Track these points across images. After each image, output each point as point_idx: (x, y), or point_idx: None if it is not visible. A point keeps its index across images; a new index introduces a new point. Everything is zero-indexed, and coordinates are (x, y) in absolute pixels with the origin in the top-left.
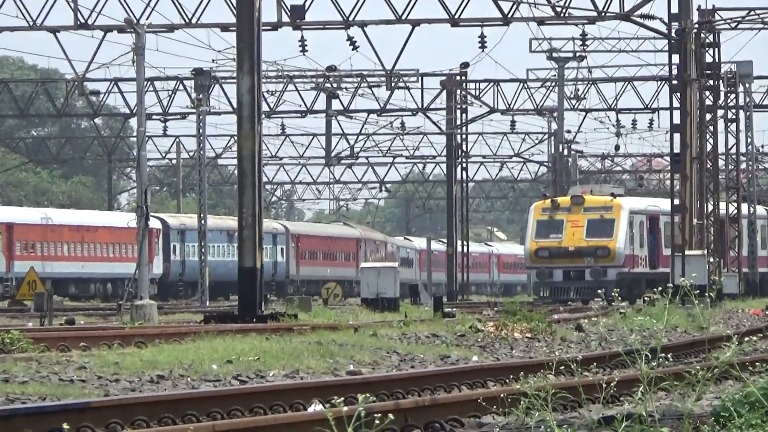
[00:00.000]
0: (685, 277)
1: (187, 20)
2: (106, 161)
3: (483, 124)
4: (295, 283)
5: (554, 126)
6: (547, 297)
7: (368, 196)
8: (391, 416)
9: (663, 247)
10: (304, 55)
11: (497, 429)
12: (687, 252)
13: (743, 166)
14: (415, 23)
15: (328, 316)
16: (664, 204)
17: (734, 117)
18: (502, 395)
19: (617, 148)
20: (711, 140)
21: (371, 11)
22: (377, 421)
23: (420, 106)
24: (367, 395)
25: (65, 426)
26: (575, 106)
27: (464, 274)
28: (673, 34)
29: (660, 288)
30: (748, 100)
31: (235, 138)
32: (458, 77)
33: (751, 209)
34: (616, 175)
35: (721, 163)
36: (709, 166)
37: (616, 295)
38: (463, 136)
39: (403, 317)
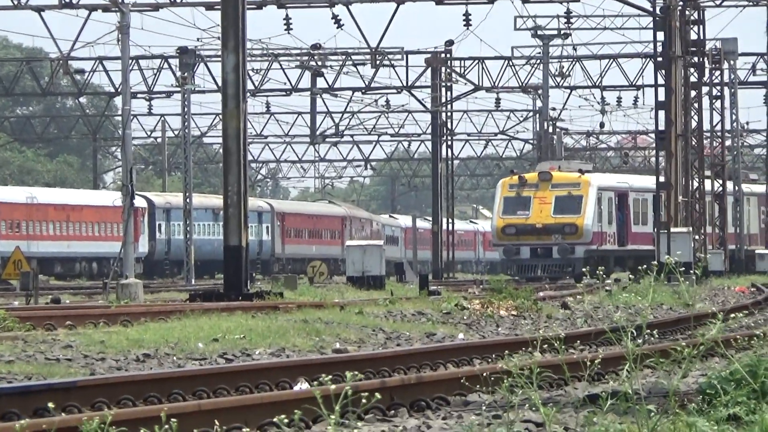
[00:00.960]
0: (670, 255)
1: None
2: (91, 140)
3: (468, 101)
4: (281, 261)
5: (539, 103)
6: (515, 275)
7: (353, 174)
8: (377, 395)
9: (632, 224)
10: (288, 33)
11: (483, 407)
12: (672, 229)
13: (728, 143)
14: (400, 1)
15: (313, 295)
16: (633, 180)
17: (719, 94)
18: (487, 373)
19: (602, 125)
20: (696, 117)
21: None
22: (364, 401)
23: (405, 84)
24: (354, 373)
25: (51, 405)
26: (560, 84)
27: (450, 252)
28: (657, 11)
29: (629, 265)
30: (732, 77)
31: (220, 116)
32: (443, 55)
33: (736, 186)
34: (601, 152)
35: (705, 140)
36: (693, 143)
37: (587, 272)
38: (448, 114)
39: (389, 295)
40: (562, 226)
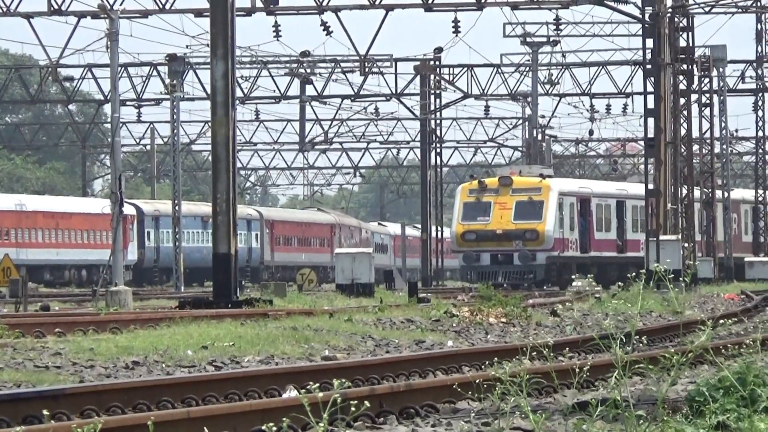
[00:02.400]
0: (659, 262)
1: (161, 6)
2: (80, 147)
3: (457, 109)
4: (270, 268)
5: (528, 111)
6: (475, 281)
7: (342, 181)
8: (367, 403)
9: (595, 231)
10: (277, 40)
11: (472, 414)
12: (661, 237)
13: (717, 150)
14: (389, 8)
15: (303, 302)
16: (595, 186)
17: (708, 101)
18: (477, 381)
19: (591, 132)
20: (685, 125)
21: None
22: (353, 408)
23: (394, 92)
24: (342, 380)
25: (45, 412)
26: (549, 91)
27: (439, 259)
28: (646, 19)
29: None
30: (721, 84)
31: (209, 124)
32: (432, 62)
33: (725, 193)
34: (590, 159)
35: (695, 147)
36: (683, 150)
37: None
38: (437, 122)
39: (378, 303)
40: (522, 232)
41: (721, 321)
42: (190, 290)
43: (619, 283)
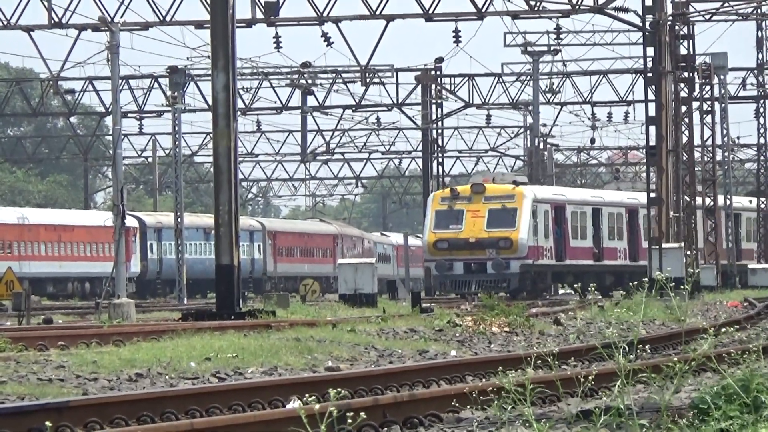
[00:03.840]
0: (661, 270)
1: (162, 18)
2: (82, 160)
3: (458, 118)
4: (273, 279)
5: (530, 120)
6: (448, 291)
7: (344, 192)
8: (362, 414)
9: (570, 238)
10: (278, 51)
11: (476, 423)
12: (664, 245)
13: (719, 157)
14: (390, 18)
15: (305, 313)
16: (570, 193)
17: (709, 109)
18: (480, 390)
19: (593, 141)
20: (686, 132)
21: (345, 7)
22: (350, 421)
23: (395, 102)
24: (338, 390)
25: (48, 424)
26: (550, 100)
27: None
28: (647, 27)
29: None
30: (722, 91)
31: (211, 135)
32: (433, 72)
33: (727, 201)
34: (592, 168)
35: (696, 155)
36: (684, 158)
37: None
38: (439, 131)
39: (381, 313)
40: (496, 240)
41: (724, 329)
42: (192, 302)
43: (622, 292)
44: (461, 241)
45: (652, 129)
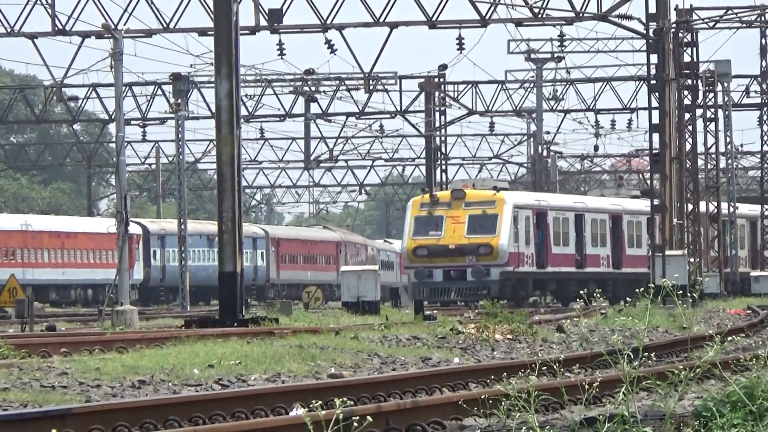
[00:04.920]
0: (666, 278)
1: (165, 25)
2: (86, 167)
3: (462, 125)
4: (276, 287)
5: (533, 127)
6: (427, 299)
7: (348, 199)
8: (369, 418)
9: (552, 245)
10: (282, 58)
11: (479, 431)
12: (667, 252)
13: (722, 165)
14: (393, 25)
15: (309, 320)
16: (552, 198)
17: (713, 116)
18: (483, 397)
19: (596, 148)
20: (690, 140)
21: (349, 14)
22: (356, 425)
23: (399, 109)
24: (345, 398)
25: (52, 431)
26: (554, 107)
27: None
28: (650, 34)
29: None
30: (726, 99)
31: (214, 142)
32: (436, 79)
33: (731, 208)
34: (595, 175)
35: (700, 162)
36: (688, 165)
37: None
38: (442, 138)
39: (384, 320)
40: (476, 247)
41: (729, 337)
42: (196, 309)
43: (627, 299)
44: (441, 247)
45: (656, 136)
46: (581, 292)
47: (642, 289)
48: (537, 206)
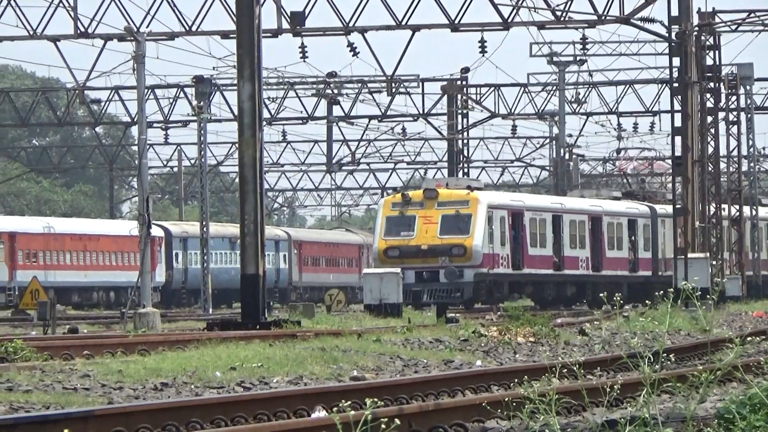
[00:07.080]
0: (687, 280)
1: (187, 28)
2: (108, 170)
3: (484, 129)
4: (298, 289)
5: (555, 130)
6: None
7: (370, 202)
8: (397, 421)
9: (528, 246)
10: (304, 61)
11: None
12: (689, 255)
13: (744, 168)
14: (415, 29)
15: (331, 323)
16: (529, 199)
17: (735, 119)
18: (505, 399)
19: (618, 151)
20: (712, 143)
21: (371, 17)
22: (383, 426)
23: (421, 112)
24: (374, 400)
25: None
26: (576, 110)
27: None
28: (673, 37)
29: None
30: (749, 102)
31: (237, 145)
32: (459, 82)
33: (753, 211)
34: (617, 178)
35: (722, 165)
36: (710, 168)
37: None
38: (465, 141)
39: (407, 323)
40: (449, 248)
41: (749, 339)
42: (218, 312)
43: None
44: (413, 248)
45: (678, 139)
46: (564, 294)
47: (619, 295)
48: (513, 206)
